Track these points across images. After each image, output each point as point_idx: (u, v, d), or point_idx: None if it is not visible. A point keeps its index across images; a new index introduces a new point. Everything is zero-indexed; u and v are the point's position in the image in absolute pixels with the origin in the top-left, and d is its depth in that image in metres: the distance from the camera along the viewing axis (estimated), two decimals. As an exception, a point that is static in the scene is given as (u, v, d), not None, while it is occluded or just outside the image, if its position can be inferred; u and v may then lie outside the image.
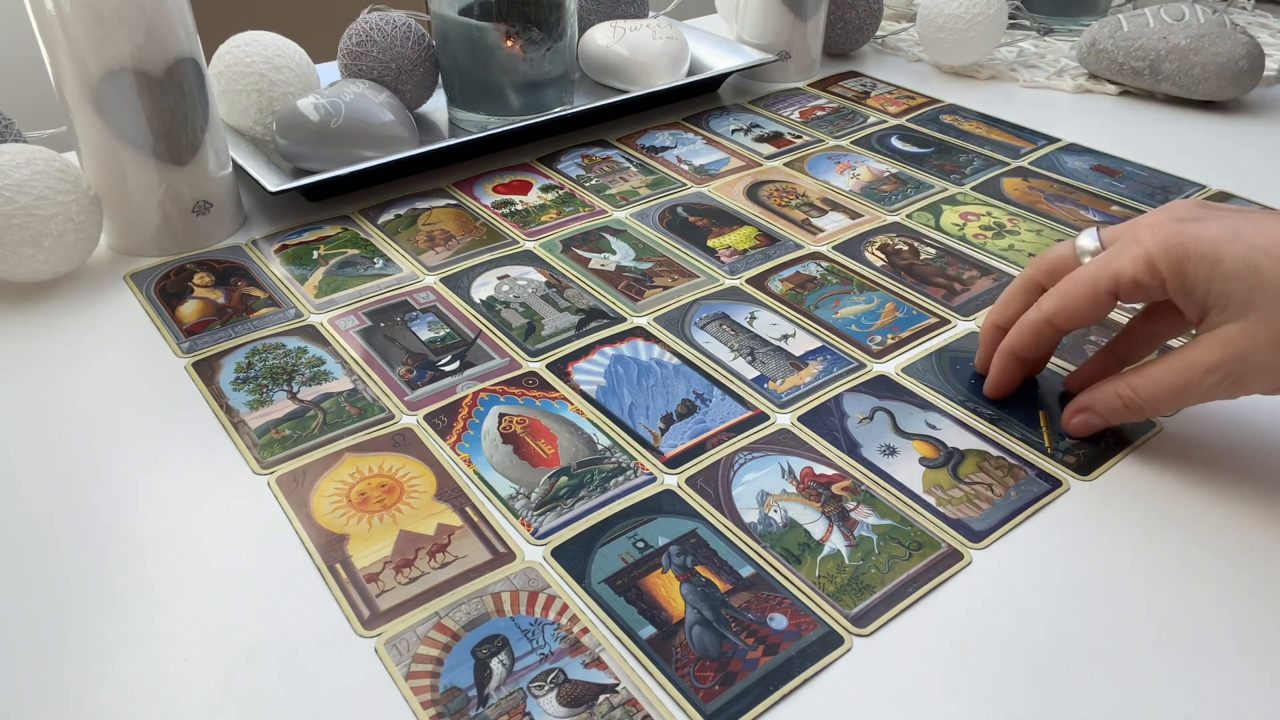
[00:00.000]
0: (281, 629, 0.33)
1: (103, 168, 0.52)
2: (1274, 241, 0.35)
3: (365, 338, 0.48)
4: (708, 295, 0.51)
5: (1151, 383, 0.38)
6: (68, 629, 0.33)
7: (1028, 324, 0.41)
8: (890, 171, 0.64)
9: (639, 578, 0.35)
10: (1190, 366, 0.36)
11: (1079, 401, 0.41)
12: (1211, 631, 0.33)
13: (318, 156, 0.59)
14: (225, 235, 0.57)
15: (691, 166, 0.65)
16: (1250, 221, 0.36)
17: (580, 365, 0.46)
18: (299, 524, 0.37)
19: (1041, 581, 0.35)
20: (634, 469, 0.40)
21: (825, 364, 0.46)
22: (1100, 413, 0.40)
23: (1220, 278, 0.35)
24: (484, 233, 0.57)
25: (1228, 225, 0.36)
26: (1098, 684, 0.31)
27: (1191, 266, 0.36)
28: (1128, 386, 0.39)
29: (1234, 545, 0.36)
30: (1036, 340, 0.41)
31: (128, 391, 0.44)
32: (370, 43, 0.64)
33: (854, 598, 0.34)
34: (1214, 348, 0.36)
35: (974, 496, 0.38)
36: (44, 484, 0.39)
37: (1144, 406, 0.38)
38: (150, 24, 0.49)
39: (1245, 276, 0.35)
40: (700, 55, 0.77)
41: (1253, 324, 0.35)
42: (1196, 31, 0.72)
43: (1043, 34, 0.91)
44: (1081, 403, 0.41)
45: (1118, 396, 0.39)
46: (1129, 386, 0.39)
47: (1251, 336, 0.35)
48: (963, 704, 0.30)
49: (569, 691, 0.31)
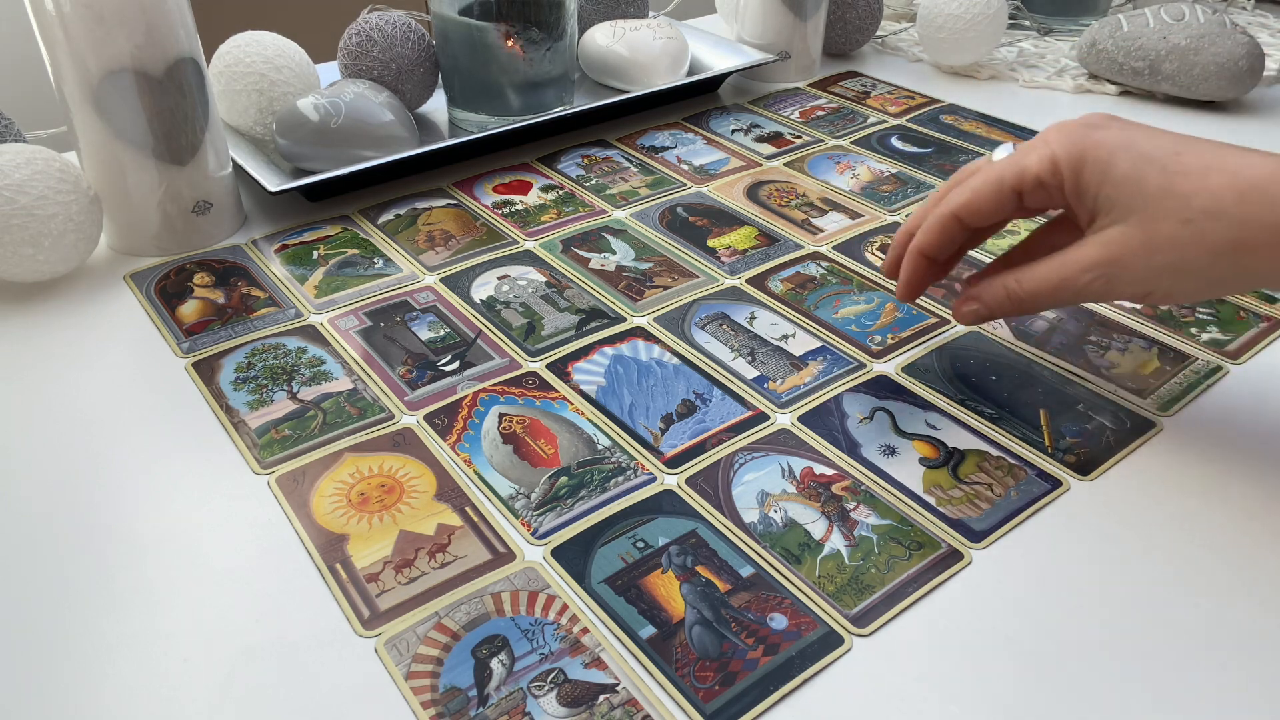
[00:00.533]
0: (281, 629, 0.33)
1: (103, 168, 0.52)
2: (1163, 153, 0.36)
3: (365, 338, 0.48)
4: (708, 295, 0.51)
5: (1034, 278, 0.39)
6: (68, 629, 0.33)
7: (935, 218, 0.41)
8: (890, 171, 0.64)
9: (639, 578, 0.35)
10: (1069, 264, 0.38)
11: (968, 291, 0.42)
12: (1211, 631, 0.33)
13: (318, 156, 0.59)
14: (225, 235, 0.57)
15: (691, 166, 0.65)
16: (1147, 134, 0.37)
17: (580, 365, 0.46)
18: (299, 524, 0.37)
19: (1041, 581, 0.35)
20: (634, 469, 0.40)
21: (825, 364, 0.46)
22: (987, 303, 0.41)
23: (1109, 182, 0.36)
24: (484, 233, 0.57)
25: (1126, 135, 0.37)
26: (1097, 684, 0.31)
27: (1087, 170, 0.37)
28: (1014, 279, 0.40)
29: (1233, 545, 0.36)
30: (944, 236, 0.41)
31: (128, 391, 0.44)
32: (370, 43, 0.64)
33: (854, 598, 0.34)
34: (1093, 248, 0.37)
35: (974, 496, 0.38)
36: (44, 484, 0.39)
37: (1025, 299, 0.40)
38: (150, 24, 0.49)
39: (1130, 183, 0.36)
40: (700, 55, 0.77)
41: (1129, 228, 0.36)
42: (1196, 31, 0.72)
43: (1043, 34, 0.91)
44: (971, 293, 0.42)
45: (1004, 288, 0.40)
46: (1015, 279, 0.40)
47: (1126, 241, 0.36)
48: (963, 704, 0.30)
49: (569, 691, 0.31)
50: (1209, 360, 0.46)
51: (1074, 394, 0.44)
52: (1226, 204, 0.34)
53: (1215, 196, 0.34)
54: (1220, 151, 0.36)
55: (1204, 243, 0.35)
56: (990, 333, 0.48)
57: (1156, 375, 0.45)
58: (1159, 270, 0.36)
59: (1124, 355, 0.46)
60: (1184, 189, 0.35)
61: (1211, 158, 0.35)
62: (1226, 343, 0.48)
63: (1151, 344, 0.47)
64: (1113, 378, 0.45)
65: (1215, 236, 0.34)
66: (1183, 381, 0.45)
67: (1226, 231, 0.34)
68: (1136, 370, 0.45)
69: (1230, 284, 0.36)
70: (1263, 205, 0.34)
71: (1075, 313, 0.49)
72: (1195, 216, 0.35)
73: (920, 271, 0.43)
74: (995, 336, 0.48)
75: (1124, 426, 0.42)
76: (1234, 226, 0.34)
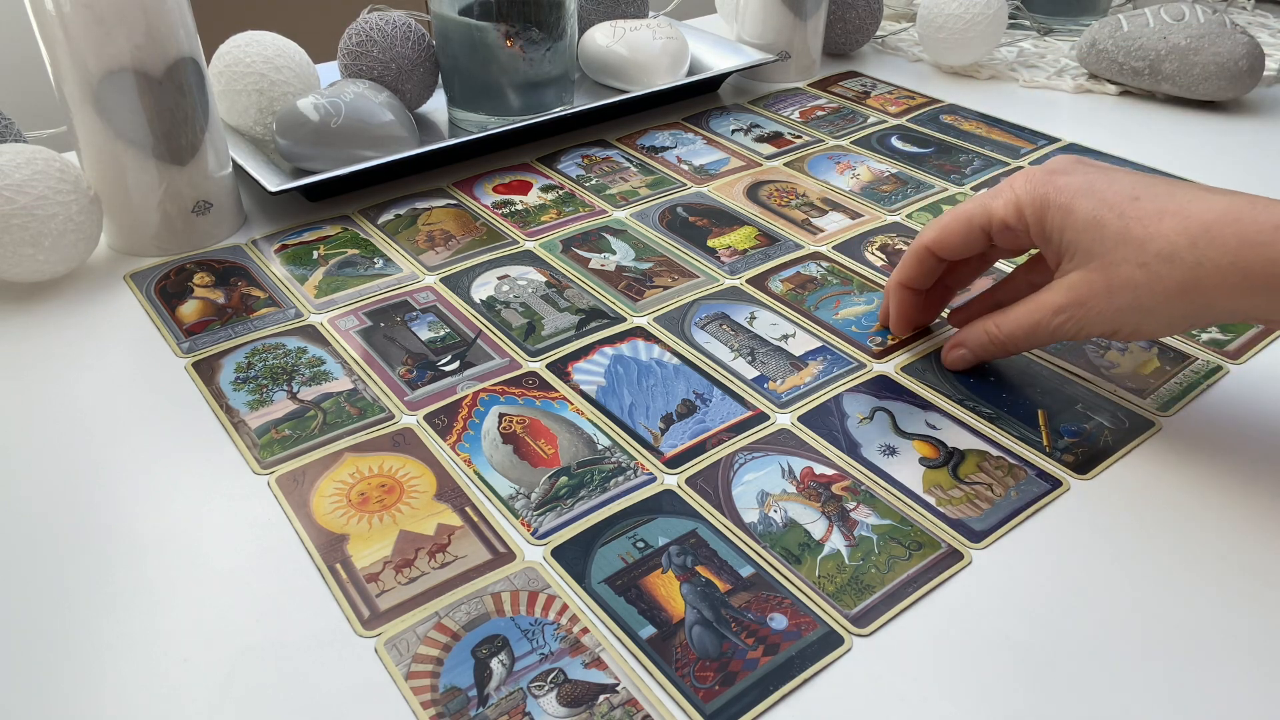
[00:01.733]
0: (281, 629, 0.33)
1: (103, 168, 0.52)
2: (1121, 198, 0.37)
3: (365, 338, 0.48)
4: (708, 295, 0.51)
5: (1010, 321, 0.41)
6: (68, 629, 0.33)
7: (911, 252, 0.44)
8: (890, 171, 0.64)
9: (639, 578, 0.35)
10: (1041, 308, 0.40)
11: (955, 339, 0.45)
12: (1211, 631, 0.33)
13: (318, 156, 0.59)
14: (225, 235, 0.57)
15: (691, 166, 0.65)
16: (1107, 177, 0.39)
17: (580, 365, 0.46)
18: (299, 524, 0.37)
19: (1041, 581, 0.35)
20: (634, 469, 0.40)
21: (825, 364, 0.46)
22: (971, 348, 0.44)
23: (1071, 228, 0.38)
24: (484, 233, 0.57)
25: (1087, 180, 0.39)
26: (1097, 684, 0.31)
27: (1050, 215, 0.39)
28: (993, 324, 0.42)
29: (1233, 544, 0.36)
30: (921, 268, 0.44)
31: (128, 391, 0.44)
32: (370, 43, 0.64)
33: (854, 598, 0.34)
34: (1061, 292, 0.39)
35: (974, 496, 0.38)
36: (44, 484, 0.39)
37: (1005, 342, 0.42)
38: (150, 24, 0.49)
39: (1091, 228, 0.38)
40: (700, 55, 0.77)
41: (1091, 272, 0.38)
42: (1196, 31, 0.72)
43: (1043, 34, 0.91)
44: (957, 339, 0.44)
45: (985, 333, 0.43)
46: (994, 324, 0.42)
47: (1090, 284, 0.38)
48: (963, 704, 0.30)
49: (569, 691, 0.31)
50: (1209, 360, 0.46)
51: (1073, 394, 0.44)
52: (1180, 248, 0.36)
53: (1168, 241, 0.36)
54: (1176, 194, 0.37)
55: (1160, 285, 0.36)
56: (990, 333, 0.48)
57: (1156, 375, 0.45)
58: (1121, 310, 0.38)
59: (1124, 355, 0.46)
60: (1139, 234, 0.36)
61: (1166, 201, 0.37)
62: (1226, 343, 0.48)
63: (1151, 344, 0.47)
64: (1113, 378, 0.45)
65: (1170, 279, 0.36)
66: (1182, 381, 0.45)
67: (1180, 274, 0.36)
68: (1136, 370, 0.45)
69: (1192, 321, 0.37)
70: (1212, 248, 0.35)
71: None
72: (1150, 260, 0.36)
73: (905, 303, 0.46)
74: (995, 336, 0.48)
75: (1122, 426, 0.42)
76: (1187, 269, 0.35)
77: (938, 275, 0.45)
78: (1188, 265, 0.35)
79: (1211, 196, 0.36)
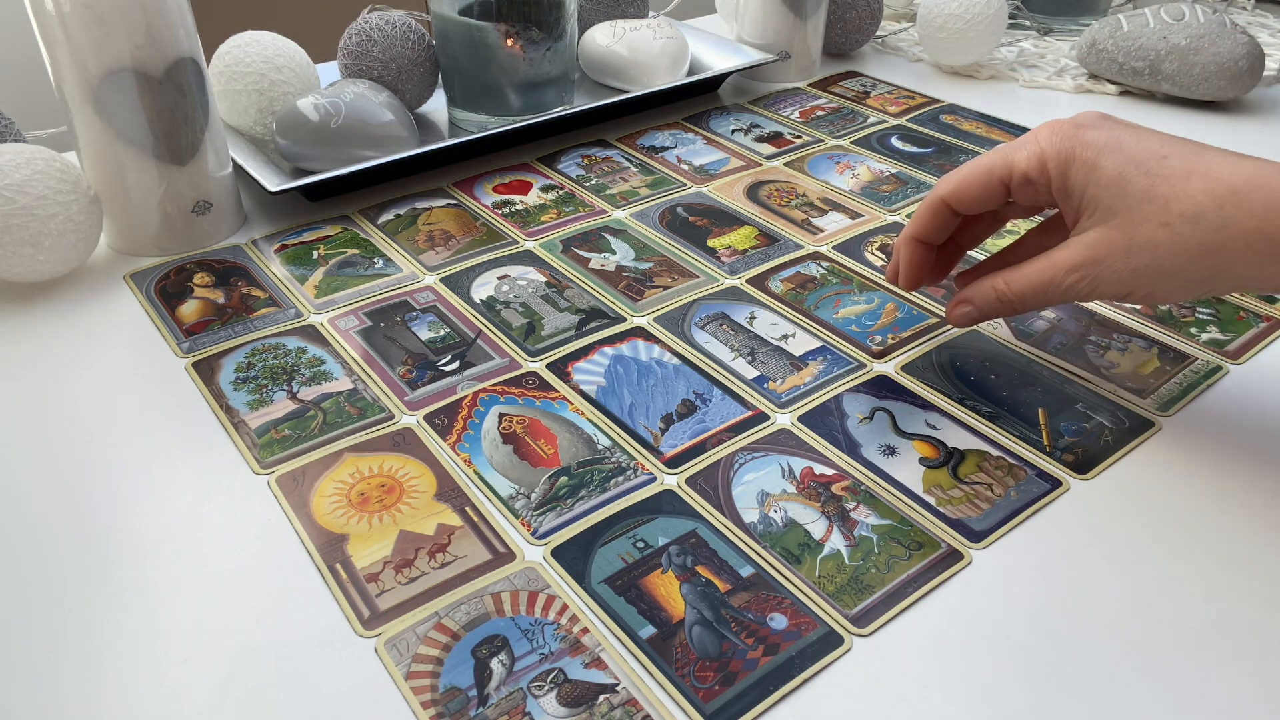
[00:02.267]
0: (281, 629, 0.33)
1: (103, 168, 0.52)
2: (1148, 156, 0.36)
3: (365, 338, 0.48)
4: (708, 295, 0.51)
5: (1021, 278, 0.40)
6: (68, 629, 0.33)
7: (926, 204, 0.43)
8: (890, 171, 0.64)
9: (639, 578, 0.35)
10: (1054, 265, 0.39)
11: (961, 294, 0.43)
12: (1211, 631, 0.33)
13: (318, 156, 0.59)
14: (225, 235, 0.57)
15: (691, 166, 0.65)
16: (1135, 135, 0.38)
17: (580, 365, 0.46)
18: (299, 524, 0.37)
19: (1041, 581, 0.35)
20: (634, 469, 0.40)
21: (825, 364, 0.46)
22: (977, 304, 0.42)
23: (1094, 184, 0.37)
24: (484, 233, 0.57)
25: (1114, 136, 0.38)
26: (1097, 684, 0.31)
27: (1074, 170, 0.38)
28: (1002, 281, 0.41)
29: (1233, 544, 0.36)
30: (935, 220, 0.43)
31: (128, 391, 0.44)
32: (370, 43, 0.64)
33: (854, 598, 0.34)
34: (1077, 250, 0.38)
35: (974, 496, 0.38)
36: (44, 484, 0.39)
37: (1013, 299, 0.41)
38: (150, 24, 0.49)
39: (1115, 185, 0.37)
40: (700, 55, 0.77)
41: (1112, 230, 0.37)
42: (1196, 31, 0.72)
43: (1043, 34, 0.91)
44: (963, 295, 0.43)
45: (993, 290, 0.41)
46: (1003, 280, 0.41)
47: (1109, 242, 0.37)
48: (963, 704, 0.30)
49: (569, 691, 0.31)
50: (1209, 360, 0.46)
51: (1073, 393, 0.44)
52: (1205, 209, 0.35)
53: (1194, 201, 0.35)
54: (1204, 155, 0.36)
55: (1182, 246, 0.35)
56: (990, 332, 0.48)
57: (1156, 375, 0.45)
58: (1138, 271, 0.37)
59: (1124, 355, 0.46)
60: (1164, 193, 0.36)
61: (1194, 162, 0.36)
62: (1226, 343, 0.48)
63: (1151, 344, 0.47)
64: (1112, 377, 0.45)
65: (1193, 241, 0.35)
66: (1182, 381, 0.45)
67: (1204, 236, 0.35)
68: (1136, 370, 0.45)
69: (1209, 286, 0.37)
70: (1239, 210, 0.34)
71: (1075, 312, 0.49)
72: (1173, 220, 0.35)
73: (916, 257, 0.44)
74: (995, 336, 0.48)
75: (1122, 426, 0.42)
76: (1211, 231, 0.35)
77: (951, 230, 0.44)
78: (1212, 227, 0.35)
79: (1241, 160, 0.35)
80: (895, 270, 0.46)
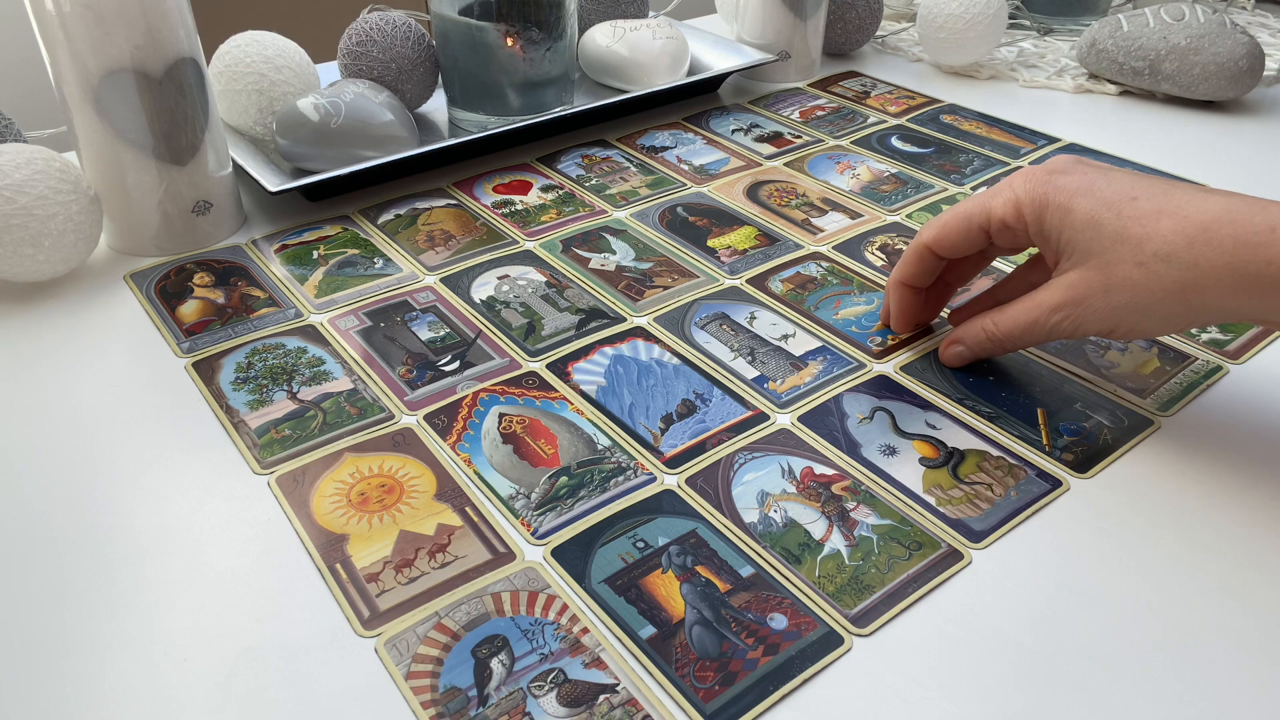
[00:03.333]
0: (281, 629, 0.33)
1: (103, 168, 0.52)
2: (1119, 198, 0.38)
3: (365, 338, 0.48)
4: (708, 295, 0.51)
5: (1008, 319, 0.42)
6: (68, 629, 0.33)
7: (911, 250, 0.45)
8: (890, 171, 0.64)
9: (639, 578, 0.35)
10: (1039, 306, 0.40)
11: (953, 335, 0.45)
12: (1211, 631, 0.33)
13: (318, 156, 0.59)
14: (225, 235, 0.57)
15: (691, 166, 0.65)
16: (1106, 177, 0.39)
17: (580, 365, 0.46)
18: (299, 524, 0.37)
19: (1041, 581, 0.35)
20: (634, 469, 0.40)
21: (825, 364, 0.46)
22: (969, 345, 0.44)
23: (1069, 227, 0.39)
24: (484, 233, 0.57)
25: (1086, 179, 0.39)
26: (1097, 684, 0.31)
27: (1049, 215, 0.39)
28: (991, 322, 0.43)
29: (1232, 543, 0.36)
30: (920, 266, 0.45)
31: (128, 391, 0.44)
32: (370, 43, 0.64)
33: (854, 598, 0.34)
34: (1058, 290, 0.39)
35: (974, 496, 0.38)
36: (44, 484, 0.39)
37: (1002, 339, 0.42)
38: (150, 24, 0.49)
39: (1088, 227, 0.38)
40: (700, 55, 0.77)
41: (1089, 271, 0.38)
42: (1196, 31, 0.72)
43: (1043, 34, 0.91)
44: (954, 336, 0.45)
45: (982, 330, 0.43)
46: (992, 322, 0.43)
47: (1088, 283, 0.38)
48: (963, 704, 0.30)
49: (569, 691, 0.31)
50: (1209, 360, 0.46)
51: (1072, 393, 0.44)
52: (1177, 248, 0.36)
53: (1166, 241, 0.36)
54: (1173, 194, 0.37)
55: (1158, 284, 0.36)
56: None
57: (1156, 375, 0.45)
58: (1119, 309, 0.38)
59: (1124, 355, 0.46)
60: (1137, 234, 0.37)
61: (1164, 201, 0.37)
62: (1226, 343, 0.48)
63: (1151, 344, 0.47)
64: (1112, 377, 0.45)
65: (1167, 279, 0.36)
66: (1182, 381, 0.45)
67: (1177, 274, 0.36)
68: (1136, 370, 0.45)
69: (1188, 320, 0.38)
70: (1209, 248, 0.35)
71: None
72: (1147, 260, 0.37)
73: (906, 301, 0.46)
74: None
75: (1121, 425, 0.42)
76: (1184, 269, 0.36)
77: (938, 273, 0.45)
78: (1184, 265, 0.36)
79: (1209, 197, 0.37)
80: (887, 315, 0.48)
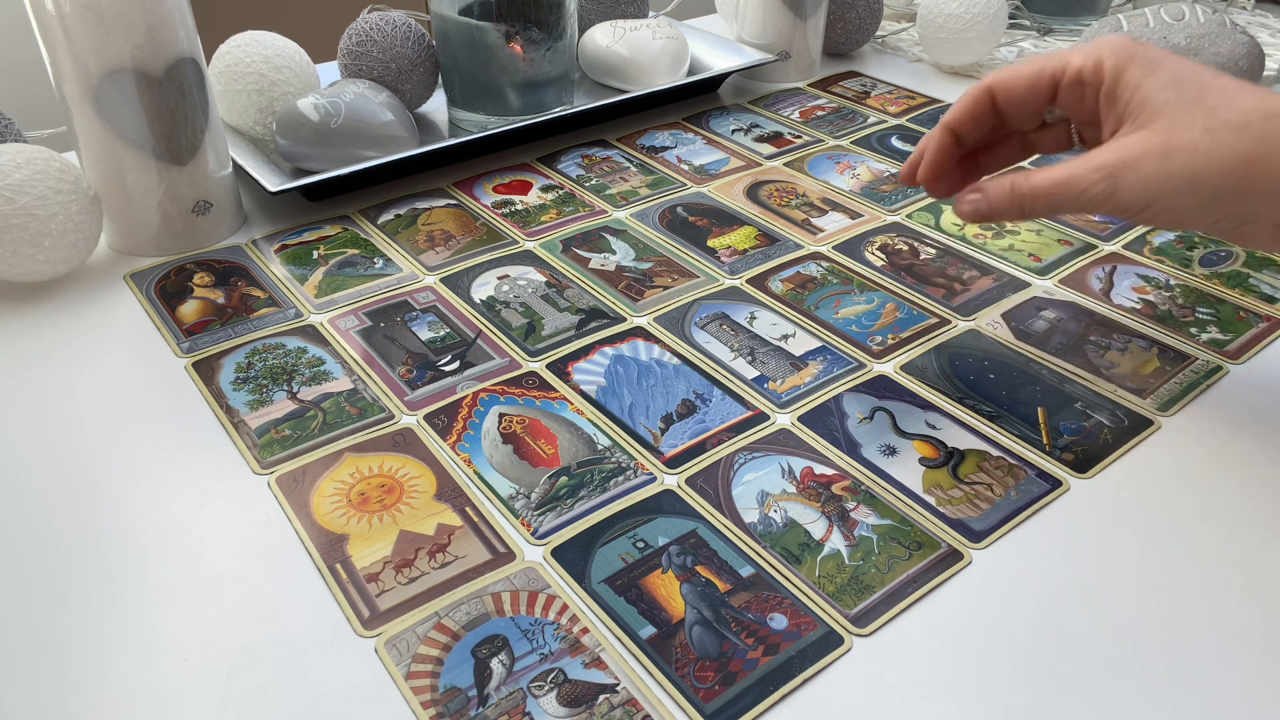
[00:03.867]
0: (281, 629, 0.33)
1: (103, 168, 0.52)
2: (1204, 71, 0.37)
3: (365, 338, 0.48)
4: (708, 295, 0.51)
5: (1039, 175, 0.39)
6: (68, 629, 0.33)
7: (969, 93, 0.42)
8: (890, 171, 0.64)
9: (639, 578, 0.35)
10: (1078, 163, 0.38)
11: (976, 184, 0.41)
12: (1210, 630, 0.33)
13: (318, 156, 0.59)
14: (225, 235, 0.57)
15: (691, 166, 0.65)
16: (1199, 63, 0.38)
17: (580, 365, 0.46)
18: (299, 524, 0.37)
19: (1041, 581, 0.35)
20: (634, 469, 0.40)
21: (825, 364, 0.46)
22: (989, 196, 0.40)
23: (1149, 85, 0.37)
24: (484, 233, 0.57)
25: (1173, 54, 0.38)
26: (1097, 683, 0.31)
27: (1131, 70, 0.38)
28: (1020, 175, 0.40)
29: (1232, 543, 0.36)
30: (974, 109, 0.42)
31: (128, 391, 0.44)
32: (370, 43, 0.64)
33: (854, 598, 0.34)
34: (1108, 151, 0.37)
35: (974, 496, 0.38)
36: (44, 484, 0.39)
37: (1027, 195, 0.39)
38: (150, 24, 0.49)
39: (1169, 87, 0.37)
40: (700, 55, 0.77)
41: (1151, 133, 0.37)
42: (1196, 31, 0.72)
43: (1043, 34, 0.91)
44: (976, 185, 0.41)
45: (1009, 183, 0.40)
46: (1021, 175, 0.39)
47: (1145, 144, 0.36)
48: (963, 704, 0.30)
49: (569, 691, 0.31)
50: (1209, 360, 0.46)
51: (1072, 392, 0.44)
52: (1251, 119, 0.35)
53: (1242, 111, 0.35)
54: (1258, 85, 0.37)
55: (1220, 154, 0.35)
56: (990, 332, 0.48)
57: (1156, 375, 0.45)
58: (1168, 177, 0.36)
59: (1124, 355, 0.46)
60: (1214, 101, 0.36)
61: (1248, 84, 0.37)
62: (1226, 343, 0.48)
63: (1151, 344, 0.47)
64: (1113, 377, 0.45)
65: (1232, 149, 0.35)
66: (1182, 381, 0.45)
67: (1244, 146, 0.35)
68: (1136, 370, 0.45)
69: (1230, 208, 0.36)
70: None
71: (1075, 312, 0.49)
72: (1217, 126, 0.35)
73: (943, 148, 0.43)
74: (995, 336, 0.48)
75: (1121, 424, 0.42)
76: (1253, 142, 0.35)
77: (985, 129, 0.42)
78: (1255, 138, 0.35)
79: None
80: (914, 164, 0.43)
